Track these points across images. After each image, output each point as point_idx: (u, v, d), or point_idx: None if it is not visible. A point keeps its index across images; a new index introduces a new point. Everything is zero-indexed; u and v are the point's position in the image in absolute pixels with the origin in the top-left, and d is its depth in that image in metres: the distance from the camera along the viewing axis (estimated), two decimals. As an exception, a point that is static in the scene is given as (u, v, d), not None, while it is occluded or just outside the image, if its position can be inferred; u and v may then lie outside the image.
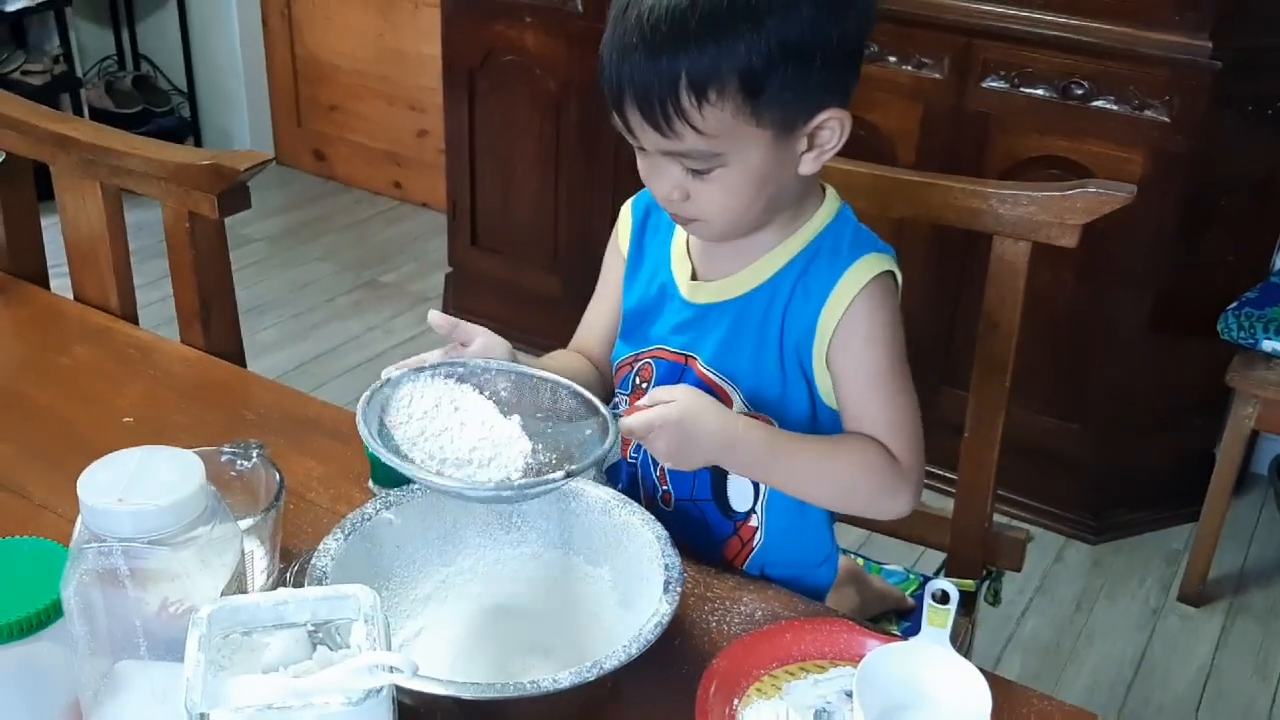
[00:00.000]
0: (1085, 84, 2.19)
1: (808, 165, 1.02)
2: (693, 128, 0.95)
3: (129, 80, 4.01)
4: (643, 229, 1.18)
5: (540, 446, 0.95)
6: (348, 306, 3.34)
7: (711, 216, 1.03)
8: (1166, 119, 2.14)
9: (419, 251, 3.65)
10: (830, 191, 1.09)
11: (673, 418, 0.96)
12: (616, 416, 0.97)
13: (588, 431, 0.97)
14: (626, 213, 1.21)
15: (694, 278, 1.11)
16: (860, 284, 1.03)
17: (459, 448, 0.92)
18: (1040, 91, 2.23)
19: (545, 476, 0.90)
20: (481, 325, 1.06)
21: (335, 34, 3.91)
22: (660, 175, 1.01)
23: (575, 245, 2.89)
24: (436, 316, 1.03)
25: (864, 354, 1.04)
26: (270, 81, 4.12)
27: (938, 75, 2.30)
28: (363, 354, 3.08)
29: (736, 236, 1.06)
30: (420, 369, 0.98)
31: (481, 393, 0.98)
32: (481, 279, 3.11)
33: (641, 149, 1.02)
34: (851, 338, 1.04)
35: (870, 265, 1.04)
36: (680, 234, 1.14)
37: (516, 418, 0.96)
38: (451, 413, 0.95)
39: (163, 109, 4.02)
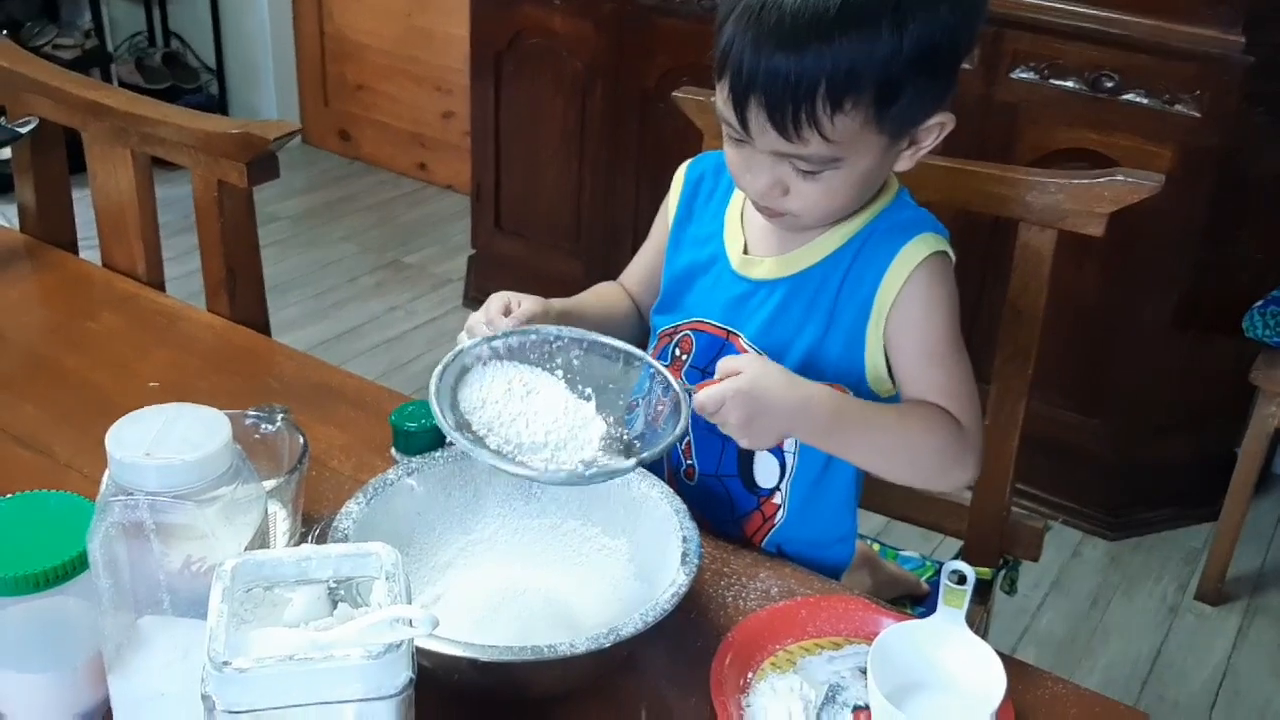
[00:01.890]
0: (1115, 77, 2.18)
1: (904, 163, 1.03)
2: (821, 135, 0.94)
3: (159, 57, 4.04)
4: (694, 194, 1.18)
5: (613, 420, 0.95)
6: (370, 287, 3.35)
7: (806, 212, 1.02)
8: (1197, 114, 2.13)
9: (442, 234, 3.66)
10: (891, 176, 1.09)
11: (744, 388, 0.94)
12: (690, 393, 0.95)
13: (660, 407, 0.96)
14: (680, 176, 1.20)
15: (745, 251, 1.11)
16: (918, 258, 1.03)
17: (534, 432, 0.92)
18: (1070, 84, 2.22)
19: (614, 467, 0.89)
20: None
21: (364, 13, 3.92)
22: (761, 171, 1.00)
23: (598, 229, 2.89)
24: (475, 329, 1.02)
25: (924, 325, 1.04)
26: (298, 60, 4.14)
27: (967, 65, 2.29)
28: (384, 334, 3.10)
29: (819, 227, 1.06)
30: (491, 339, 0.96)
31: (554, 361, 0.97)
32: (504, 262, 3.12)
33: (740, 142, 1.00)
34: (911, 310, 1.04)
35: (927, 242, 1.04)
36: (735, 205, 1.14)
37: (591, 395, 0.96)
38: (524, 396, 0.94)
39: (191, 86, 4.04)
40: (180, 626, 0.81)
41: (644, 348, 1.18)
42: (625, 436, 0.95)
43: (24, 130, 1.54)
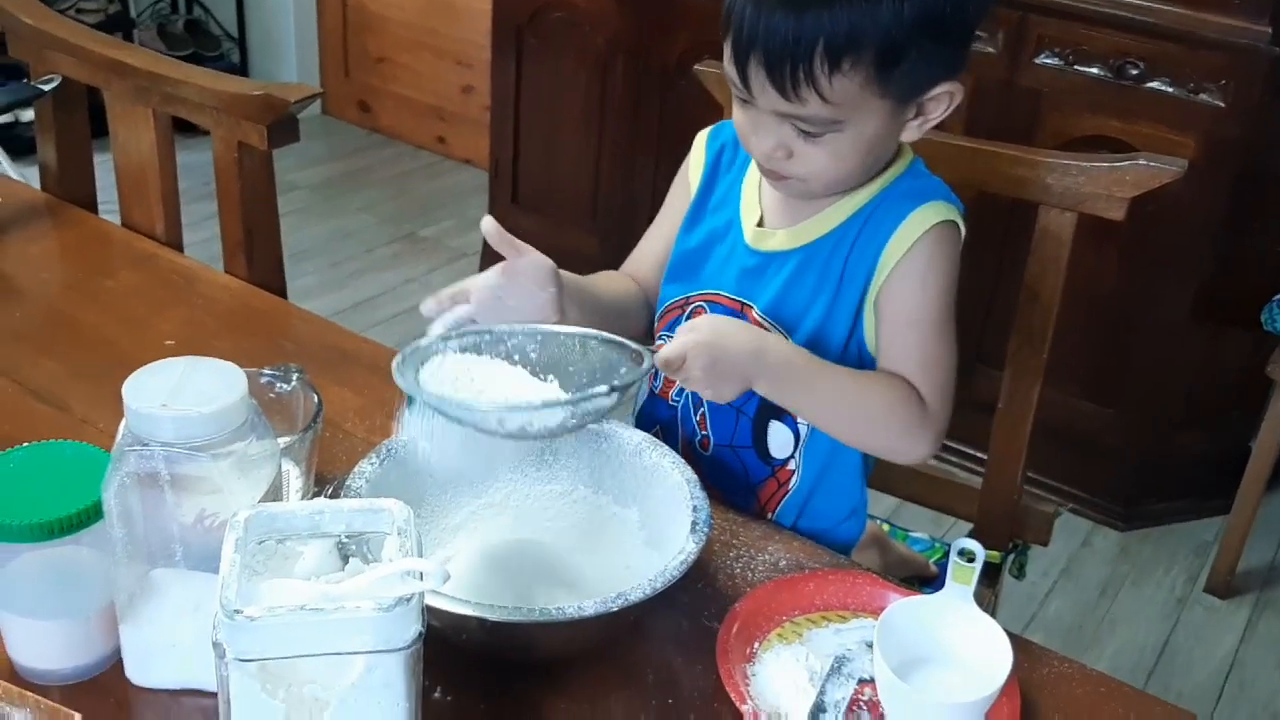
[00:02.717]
0: (1140, 64, 2.16)
1: (911, 132, 1.02)
2: (819, 95, 0.94)
3: (181, 24, 4.04)
4: (716, 166, 1.17)
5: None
6: (386, 258, 3.36)
7: (811, 177, 1.02)
8: (1221, 104, 2.11)
9: (459, 208, 3.66)
10: (905, 147, 1.09)
11: (703, 340, 0.95)
12: (651, 351, 0.96)
13: (623, 370, 0.96)
14: (700, 146, 1.19)
15: (760, 224, 1.11)
16: (925, 226, 1.03)
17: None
18: (1094, 70, 2.21)
19: (590, 390, 0.88)
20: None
21: (387, -16, 3.91)
22: (766, 133, 1.00)
23: (616, 206, 2.89)
24: (490, 224, 1.00)
25: (914, 295, 1.04)
26: (320, 30, 4.13)
27: (991, 49, 2.28)
28: (399, 305, 3.10)
29: (827, 196, 1.06)
30: (446, 338, 0.96)
31: (511, 359, 0.97)
32: (520, 237, 3.10)
33: (746, 103, 1.00)
34: (906, 278, 1.04)
35: (937, 210, 1.04)
36: (752, 177, 1.13)
37: (553, 379, 0.95)
38: (488, 378, 0.94)
39: (213, 53, 4.04)
40: (192, 580, 0.82)
41: (653, 338, 1.17)
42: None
43: (47, 88, 1.54)
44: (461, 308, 1.02)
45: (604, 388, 0.89)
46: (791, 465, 1.13)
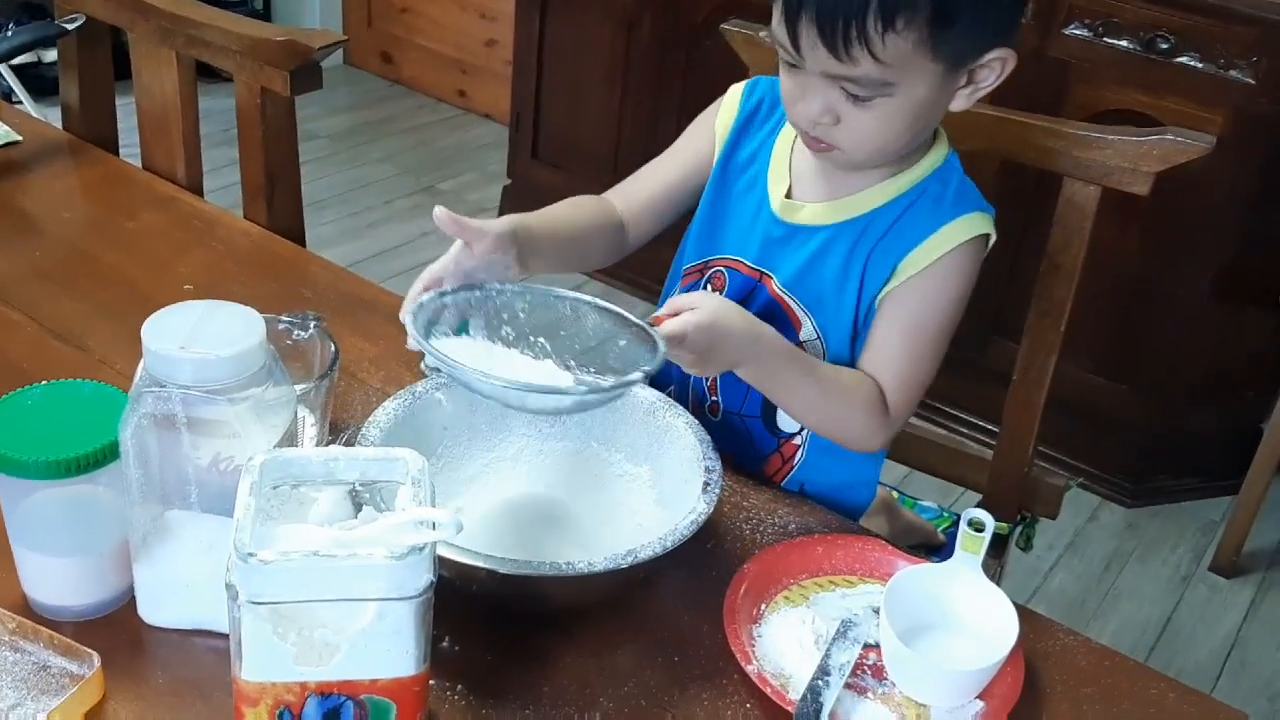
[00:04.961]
0: (1170, 38, 2.14)
1: (960, 101, 1.01)
2: (871, 54, 0.92)
3: (205, -34, 4.01)
4: (748, 122, 1.15)
5: (574, 365, 0.93)
6: (405, 210, 3.35)
7: (854, 146, 1.00)
8: (1251, 81, 2.09)
9: (479, 161, 3.65)
10: (942, 133, 1.07)
11: (704, 322, 0.93)
12: (650, 324, 0.94)
13: (621, 343, 0.95)
14: (736, 97, 1.17)
15: (788, 195, 1.10)
16: (955, 242, 1.02)
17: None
18: (1123, 43, 2.18)
19: (627, 378, 0.88)
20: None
21: (413, -67, 3.89)
22: (813, 96, 0.98)
23: (637, 164, 2.84)
24: (441, 213, 0.98)
25: (920, 307, 1.04)
26: (344, -22, 4.12)
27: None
28: (417, 257, 3.10)
29: (870, 168, 1.04)
30: (442, 294, 0.95)
31: (501, 316, 0.96)
32: (539, 193, 3.09)
33: (794, 67, 0.98)
34: (919, 288, 1.03)
35: (971, 225, 1.03)
36: (784, 143, 1.12)
37: (544, 343, 0.94)
38: (488, 356, 0.93)
39: (236, -1, 4.03)
40: (206, 522, 0.82)
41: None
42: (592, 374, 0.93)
43: (71, 26, 1.54)
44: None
45: (639, 374, 0.88)
46: (797, 440, 1.13)
